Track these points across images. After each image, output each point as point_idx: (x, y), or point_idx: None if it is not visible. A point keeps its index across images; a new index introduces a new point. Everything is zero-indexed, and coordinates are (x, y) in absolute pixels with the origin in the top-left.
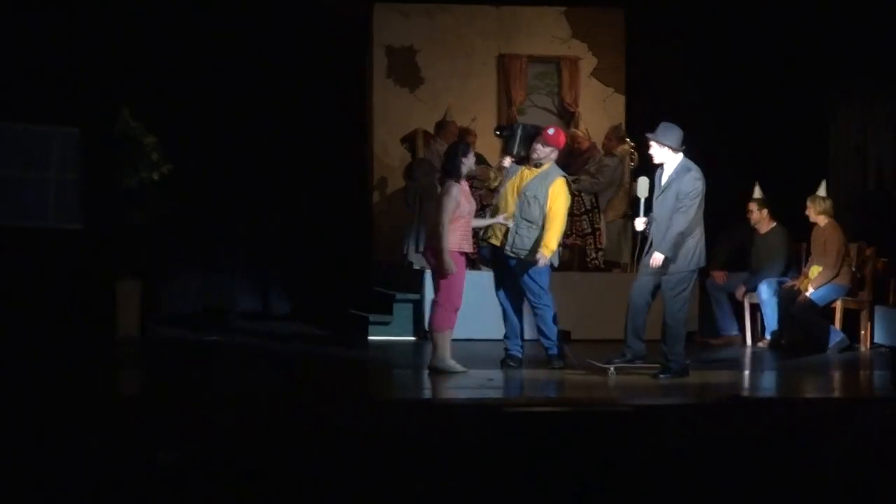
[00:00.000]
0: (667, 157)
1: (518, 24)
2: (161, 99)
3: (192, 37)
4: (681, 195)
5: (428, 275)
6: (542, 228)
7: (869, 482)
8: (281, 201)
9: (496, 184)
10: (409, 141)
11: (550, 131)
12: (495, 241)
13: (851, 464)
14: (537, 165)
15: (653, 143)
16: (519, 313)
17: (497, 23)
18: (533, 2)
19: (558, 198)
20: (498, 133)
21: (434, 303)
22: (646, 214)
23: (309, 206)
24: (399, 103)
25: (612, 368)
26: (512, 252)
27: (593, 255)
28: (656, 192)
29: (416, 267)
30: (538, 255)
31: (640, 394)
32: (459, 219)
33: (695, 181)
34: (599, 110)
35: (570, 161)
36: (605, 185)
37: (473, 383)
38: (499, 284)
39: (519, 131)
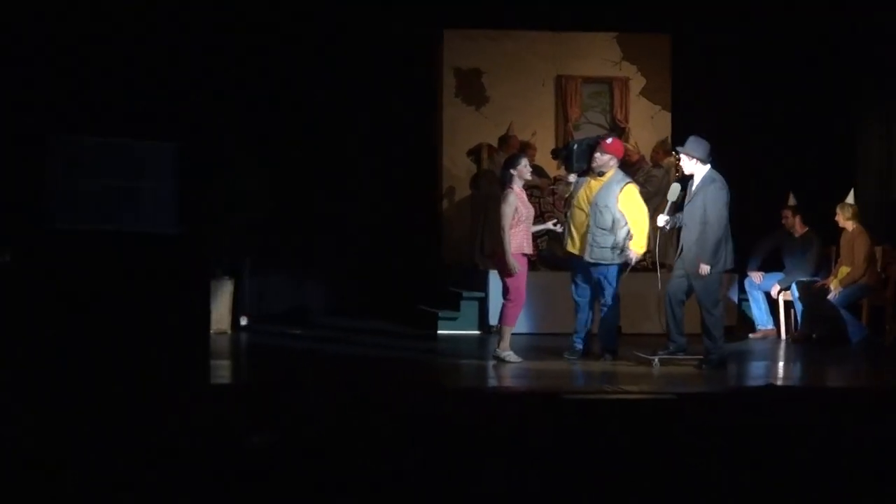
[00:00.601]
0: (695, 168)
1: (574, 48)
2: (253, 116)
3: (284, 59)
4: (708, 207)
5: (492, 275)
6: (616, 233)
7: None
8: (359, 209)
9: (567, 195)
10: (475, 154)
11: (608, 140)
12: (572, 250)
13: (875, 449)
14: (600, 174)
15: (682, 156)
16: (591, 311)
17: (555, 47)
18: (587, 28)
19: (632, 202)
20: (555, 157)
21: (504, 300)
22: (670, 215)
23: (384, 214)
24: (466, 120)
25: (656, 360)
26: (592, 259)
27: (643, 256)
28: (686, 200)
29: (481, 268)
30: (629, 252)
31: (682, 383)
32: (519, 223)
33: (718, 191)
34: (648, 126)
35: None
36: (652, 194)
37: (532, 373)
38: (575, 285)
39: (574, 148)
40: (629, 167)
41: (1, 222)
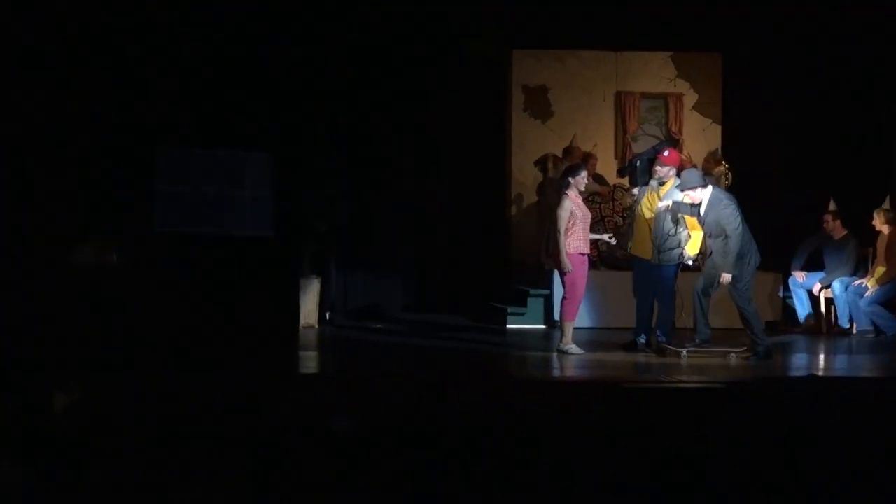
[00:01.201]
0: (701, 194)
1: (632, 66)
2: (337, 128)
3: (365, 77)
4: (723, 223)
5: (556, 273)
6: (680, 235)
7: None
8: (434, 214)
9: (628, 204)
10: (541, 163)
11: (666, 153)
12: (636, 252)
13: None
14: (661, 183)
15: (688, 194)
16: (651, 308)
17: (615, 66)
18: (645, 48)
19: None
20: (621, 174)
21: (562, 297)
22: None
23: (457, 218)
24: (533, 132)
25: (684, 352)
26: (660, 262)
27: (695, 257)
28: (700, 219)
29: (546, 267)
30: (684, 254)
31: (732, 372)
32: (575, 226)
33: (727, 208)
34: (700, 138)
35: None
36: None
37: (594, 364)
38: (639, 285)
39: (637, 165)
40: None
41: (111, 225)
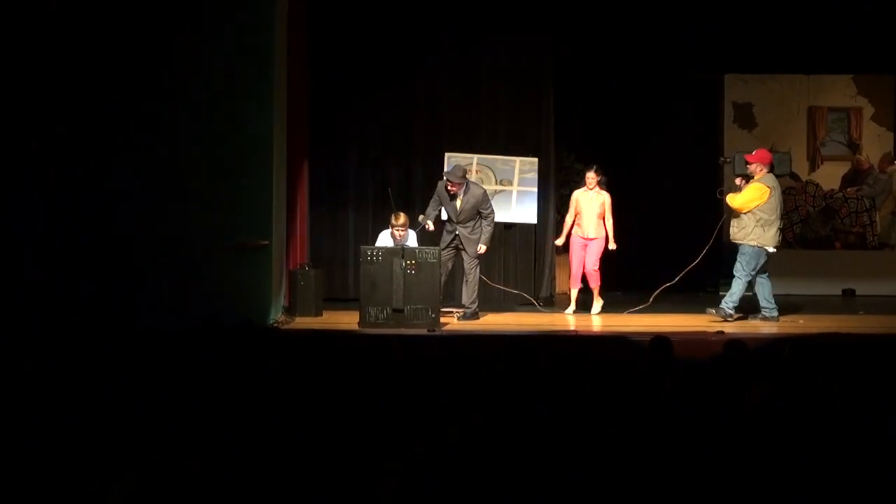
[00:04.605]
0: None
1: (821, 86)
2: (592, 141)
3: (616, 103)
4: (481, 209)
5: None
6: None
7: None
8: (662, 205)
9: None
10: None
11: (753, 153)
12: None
13: None
14: (750, 178)
15: (449, 181)
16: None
17: (807, 86)
18: (831, 71)
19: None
20: (722, 161)
21: None
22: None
23: (678, 210)
24: (740, 140)
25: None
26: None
27: (871, 238)
28: (458, 207)
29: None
30: None
31: None
32: None
33: (485, 194)
34: (876, 143)
35: (856, 177)
36: (878, 193)
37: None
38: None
39: (736, 157)
40: (861, 173)
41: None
